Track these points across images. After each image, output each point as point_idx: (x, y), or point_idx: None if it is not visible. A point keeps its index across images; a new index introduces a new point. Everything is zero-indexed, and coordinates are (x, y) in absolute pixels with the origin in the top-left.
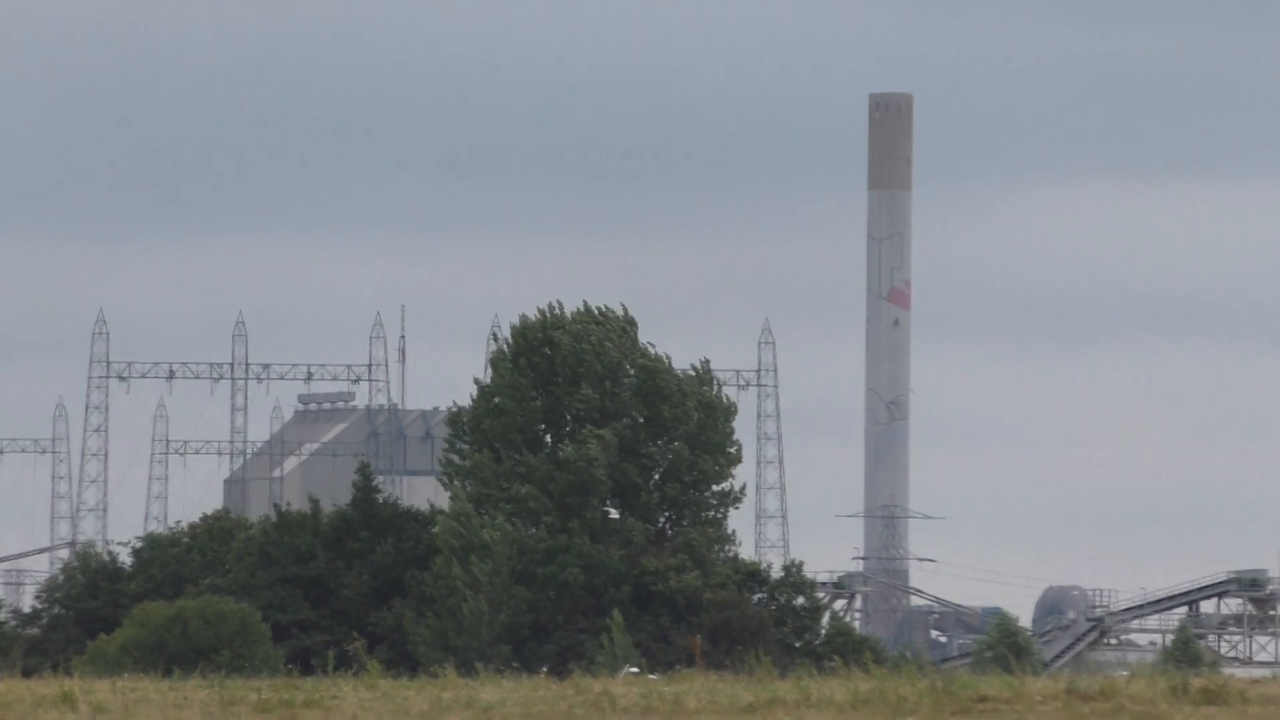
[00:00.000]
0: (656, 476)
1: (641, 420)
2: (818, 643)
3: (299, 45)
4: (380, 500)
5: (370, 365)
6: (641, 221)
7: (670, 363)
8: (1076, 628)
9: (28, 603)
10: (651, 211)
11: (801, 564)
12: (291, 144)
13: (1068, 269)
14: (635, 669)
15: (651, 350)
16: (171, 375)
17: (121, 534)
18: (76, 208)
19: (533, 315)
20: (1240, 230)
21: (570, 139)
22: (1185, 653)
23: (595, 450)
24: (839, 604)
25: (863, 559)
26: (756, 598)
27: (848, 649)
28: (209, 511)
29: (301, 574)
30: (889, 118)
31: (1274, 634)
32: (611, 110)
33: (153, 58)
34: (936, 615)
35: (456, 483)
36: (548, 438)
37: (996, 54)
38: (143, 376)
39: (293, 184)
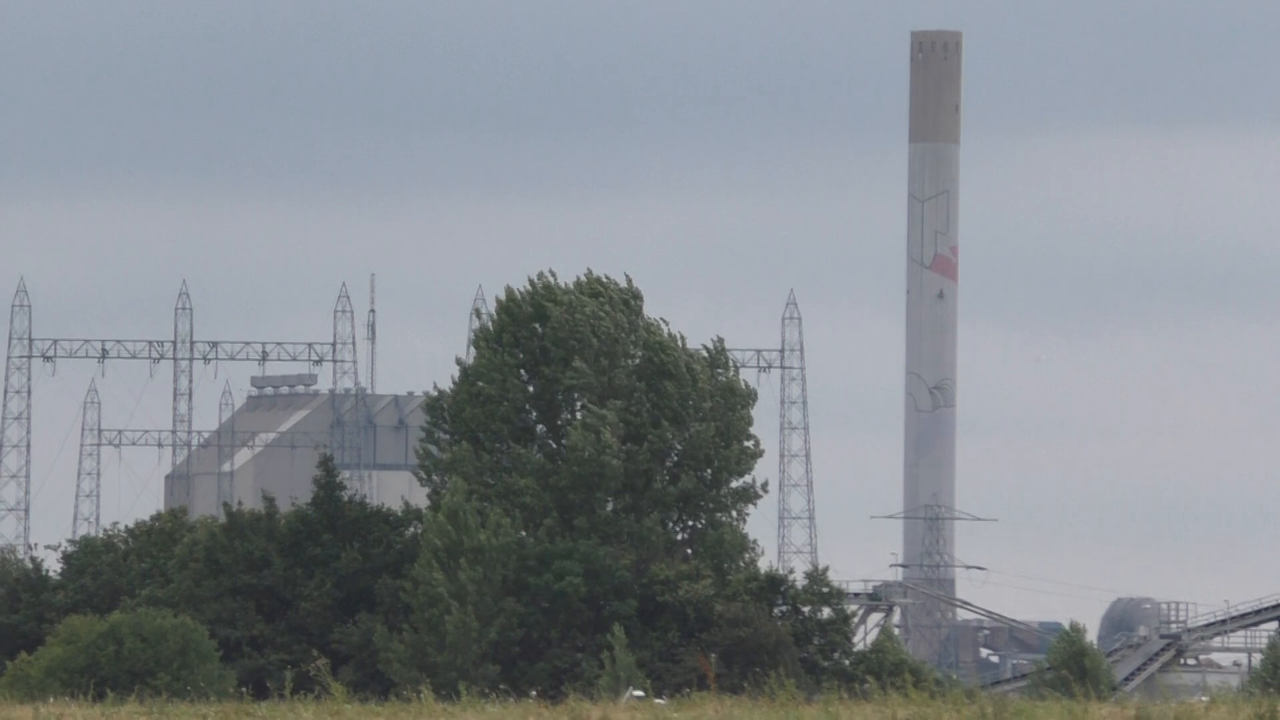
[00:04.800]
0: (667, 469)
1: (647, 406)
2: (849, 662)
3: None
4: (345, 498)
5: (334, 344)
6: (648, 180)
7: (685, 343)
8: (1149, 646)
9: None
10: (660, 168)
11: (826, 569)
12: (243, 94)
13: (1139, 235)
14: (640, 692)
15: (664, 328)
16: (104, 355)
17: (47, 537)
18: None
19: (522, 286)
20: None
21: (565, 83)
22: (1275, 675)
23: (609, 437)
24: (875, 617)
25: (902, 566)
26: (778, 610)
27: (883, 669)
28: (149, 512)
29: (255, 583)
30: (934, 59)
31: None
32: (613, 50)
33: (79, 6)
34: (987, 631)
35: (436, 477)
36: (539, 427)
37: None
38: (71, 356)
39: (245, 137)
